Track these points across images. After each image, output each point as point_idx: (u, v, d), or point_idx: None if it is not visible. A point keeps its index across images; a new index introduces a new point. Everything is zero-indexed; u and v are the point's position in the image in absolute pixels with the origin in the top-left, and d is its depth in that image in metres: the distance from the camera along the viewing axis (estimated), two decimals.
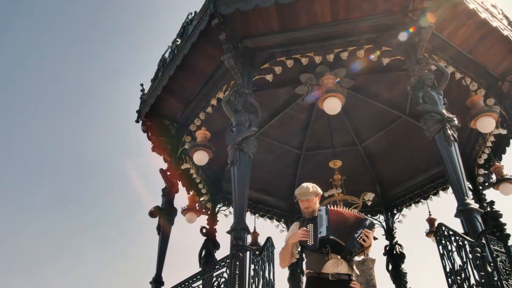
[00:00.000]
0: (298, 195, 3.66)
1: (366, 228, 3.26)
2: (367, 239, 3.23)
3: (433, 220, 7.54)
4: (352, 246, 3.21)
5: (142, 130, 6.26)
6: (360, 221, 3.33)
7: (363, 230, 3.24)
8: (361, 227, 3.27)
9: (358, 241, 3.22)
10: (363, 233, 3.22)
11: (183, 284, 4.48)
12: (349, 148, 7.93)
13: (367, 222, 3.34)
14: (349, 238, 3.23)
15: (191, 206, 6.92)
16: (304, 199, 3.60)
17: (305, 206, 3.58)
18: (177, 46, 5.57)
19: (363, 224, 3.30)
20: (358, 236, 3.22)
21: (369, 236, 3.24)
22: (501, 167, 6.28)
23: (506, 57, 5.38)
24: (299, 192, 3.67)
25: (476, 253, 3.24)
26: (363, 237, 3.21)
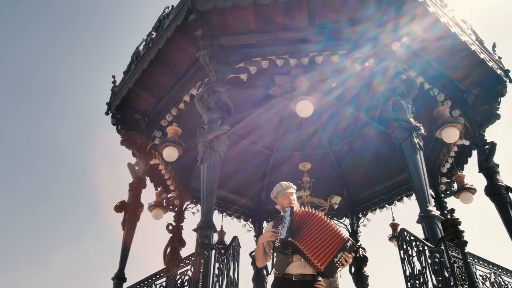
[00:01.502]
0: (281, 190, 3.68)
1: (346, 251, 3.07)
2: (346, 262, 3.09)
3: (396, 225, 7.72)
4: (330, 273, 3.02)
5: (112, 123, 6.13)
6: (340, 241, 3.12)
7: (343, 253, 3.06)
8: (342, 250, 3.06)
9: (337, 266, 3.03)
10: (343, 256, 3.06)
11: (146, 281, 4.42)
12: (319, 151, 8.03)
13: (349, 243, 3.11)
14: (328, 263, 3.01)
15: (158, 202, 6.83)
16: (289, 192, 3.65)
17: (289, 201, 3.60)
18: (152, 39, 5.49)
19: (344, 246, 3.08)
20: (338, 260, 3.03)
21: (349, 260, 3.11)
22: (462, 177, 6.50)
23: (472, 71, 5.58)
24: (282, 188, 3.69)
25: (435, 259, 3.35)
26: (342, 261, 3.06)
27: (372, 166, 7.92)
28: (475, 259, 3.83)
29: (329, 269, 3.06)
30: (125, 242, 5.46)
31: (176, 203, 7.23)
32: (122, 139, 6.13)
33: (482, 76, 5.60)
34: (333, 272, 3.08)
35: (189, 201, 7.44)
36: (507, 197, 5.09)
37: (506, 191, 5.13)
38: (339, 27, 5.04)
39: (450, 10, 5.19)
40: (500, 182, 5.17)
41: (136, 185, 5.84)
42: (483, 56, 5.32)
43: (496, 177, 5.22)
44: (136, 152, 6.14)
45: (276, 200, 3.75)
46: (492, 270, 3.99)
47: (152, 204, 6.77)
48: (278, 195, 3.69)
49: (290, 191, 3.65)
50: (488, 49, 5.59)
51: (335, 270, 3.08)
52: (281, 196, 3.66)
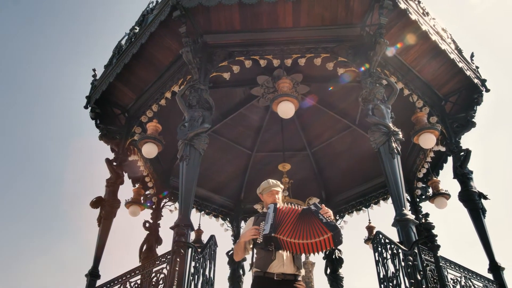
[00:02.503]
0: (268, 187, 3.68)
1: (320, 211, 3.18)
2: (330, 214, 3.19)
3: (372, 228, 7.83)
4: (335, 227, 3.03)
5: (91, 117, 6.02)
6: (309, 211, 3.23)
7: (321, 213, 3.15)
8: (317, 214, 3.16)
9: (330, 220, 3.11)
10: (324, 215, 3.14)
11: (121, 278, 4.36)
12: (299, 153, 8.09)
13: (313, 207, 3.26)
14: (327, 228, 3.04)
15: (135, 199, 6.75)
16: (274, 190, 3.66)
17: (273, 199, 3.60)
18: (134, 34, 5.42)
19: (314, 211, 3.20)
20: (325, 219, 3.11)
21: (329, 212, 3.21)
22: (437, 182, 6.65)
23: (450, 79, 5.71)
24: (269, 184, 3.70)
25: (408, 261, 3.41)
26: (327, 217, 3.13)
27: (350, 169, 8.02)
28: (447, 263, 3.91)
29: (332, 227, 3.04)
30: (100, 239, 5.37)
31: (154, 200, 7.17)
32: (101, 134, 6.03)
33: (459, 84, 5.75)
34: (337, 227, 3.05)
35: (167, 199, 7.38)
36: (479, 203, 5.23)
37: (478, 197, 5.27)
38: (323, 30, 5.08)
39: (431, 18, 5.30)
40: (473, 189, 5.31)
41: (113, 181, 5.75)
42: (461, 65, 5.45)
43: (469, 184, 5.36)
44: (114, 147, 6.05)
45: (261, 196, 3.76)
46: (463, 274, 4.09)
47: (130, 200, 6.69)
48: (264, 191, 3.70)
49: (276, 189, 3.67)
50: (466, 58, 5.73)
51: (335, 223, 3.09)
52: (266, 193, 3.67)
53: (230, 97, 6.91)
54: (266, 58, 5.09)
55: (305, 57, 5.09)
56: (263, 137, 7.87)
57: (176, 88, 5.30)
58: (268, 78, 6.09)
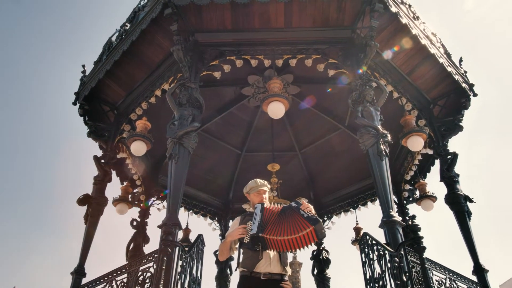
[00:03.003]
0: (255, 187, 3.69)
1: (300, 207, 3.21)
2: (310, 208, 3.22)
3: (359, 229, 7.88)
4: (316, 221, 3.06)
5: (79, 113, 5.97)
6: (290, 208, 3.27)
7: (301, 209, 3.18)
8: (298, 210, 3.20)
9: (311, 214, 3.14)
10: (304, 210, 3.17)
11: (107, 276, 4.33)
12: (288, 153, 8.12)
13: (294, 204, 3.29)
14: (308, 222, 3.08)
15: (123, 197, 6.71)
16: (262, 189, 3.66)
17: (260, 199, 3.61)
18: (125, 31, 5.38)
19: (294, 207, 3.24)
20: (306, 213, 3.14)
21: (309, 207, 3.23)
22: (424, 185, 6.71)
23: (439, 83, 5.77)
24: (256, 184, 3.70)
25: (394, 263, 3.44)
26: (308, 211, 3.16)
27: (339, 170, 8.07)
28: (432, 265, 3.96)
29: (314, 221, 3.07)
30: (87, 236, 5.31)
31: (142, 198, 7.13)
32: (89, 130, 5.98)
33: (448, 88, 5.81)
34: (317, 220, 3.07)
35: (155, 197, 7.34)
36: (465, 206, 5.29)
37: (464, 200, 5.33)
38: (314, 32, 5.10)
39: (422, 23, 5.35)
40: (459, 192, 5.37)
41: (101, 179, 5.69)
42: (450, 69, 5.51)
43: (456, 187, 5.42)
44: (103, 144, 5.99)
45: (248, 195, 3.76)
46: (447, 276, 4.15)
47: (117, 198, 6.64)
48: (251, 190, 3.70)
49: (263, 189, 3.67)
50: (455, 62, 5.79)
51: (315, 216, 3.12)
52: (253, 192, 3.67)
53: (220, 96, 6.89)
54: (257, 58, 5.09)
55: (296, 58, 5.10)
56: (252, 137, 7.87)
57: (166, 86, 5.27)
58: (259, 78, 6.09)
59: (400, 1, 4.94)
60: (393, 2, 4.73)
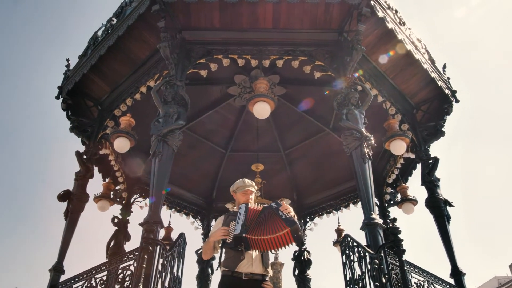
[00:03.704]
0: (242, 186, 3.68)
1: (280, 208, 3.24)
2: (289, 209, 3.25)
3: (341, 231, 7.94)
4: (293, 222, 3.10)
5: (62, 108, 5.88)
6: (270, 209, 3.29)
7: (280, 210, 3.21)
8: (277, 210, 3.23)
9: (289, 216, 3.16)
10: (283, 212, 3.20)
11: (86, 274, 4.27)
12: (273, 154, 8.12)
13: (274, 204, 3.31)
14: (285, 223, 3.11)
15: (105, 194, 6.62)
16: (249, 189, 3.66)
17: (246, 199, 3.61)
18: (112, 25, 5.32)
19: (274, 208, 3.27)
20: (284, 215, 3.17)
21: (288, 208, 3.26)
22: (406, 188, 6.80)
23: (423, 89, 5.87)
24: (244, 183, 3.70)
25: (374, 265, 3.48)
26: (286, 213, 3.19)
27: (322, 172, 8.12)
28: (411, 267, 4.02)
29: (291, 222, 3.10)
30: (66, 233, 5.23)
31: (124, 195, 7.06)
32: (72, 125, 5.89)
33: (431, 94, 5.91)
34: (295, 222, 3.11)
35: (137, 195, 7.28)
36: (444, 210, 5.39)
37: (444, 204, 5.43)
38: (302, 33, 5.12)
39: (407, 28, 5.43)
40: (439, 196, 5.46)
41: (82, 175, 5.62)
42: (433, 75, 5.60)
43: (436, 191, 5.51)
44: (85, 140, 5.91)
45: (234, 194, 3.75)
46: (426, 278, 4.21)
47: (99, 195, 6.55)
48: (238, 189, 3.70)
49: (250, 189, 3.68)
50: (439, 69, 5.89)
51: (292, 218, 3.16)
52: (240, 192, 3.67)
53: (206, 95, 6.87)
54: (244, 57, 5.09)
55: (283, 59, 5.12)
56: (237, 136, 7.86)
57: (152, 83, 5.24)
58: (245, 77, 6.09)
59: (387, 6, 5.00)
60: (380, 7, 4.78)
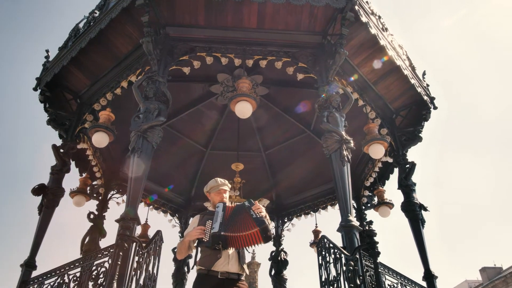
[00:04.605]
0: (215, 186, 3.67)
1: (252, 207, 3.28)
2: (261, 209, 3.28)
3: (318, 232, 8.02)
4: (263, 222, 3.16)
5: (40, 100, 5.75)
6: (243, 207, 3.35)
7: (252, 209, 3.25)
8: (249, 209, 3.27)
9: (259, 216, 3.21)
10: (255, 211, 3.24)
11: (59, 270, 4.20)
12: (253, 154, 8.14)
13: (247, 203, 3.36)
14: (255, 222, 3.17)
15: (81, 189, 6.51)
16: (222, 189, 3.65)
17: (221, 198, 3.60)
18: (94, 18, 5.23)
19: (246, 207, 3.31)
20: (255, 214, 3.22)
21: (260, 208, 3.29)
22: (383, 192, 6.92)
23: (402, 94, 5.97)
24: (217, 183, 3.69)
25: (349, 266, 3.52)
26: (257, 212, 3.23)
27: (302, 173, 8.17)
28: (386, 269, 4.09)
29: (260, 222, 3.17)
30: (40, 228, 5.12)
31: (101, 191, 6.95)
32: (49, 118, 5.77)
33: (410, 100, 6.02)
34: (264, 222, 3.17)
35: (115, 191, 7.18)
36: (419, 214, 5.50)
37: (419, 208, 5.54)
38: (286, 35, 5.14)
39: (390, 34, 5.51)
40: (415, 200, 5.57)
41: (58, 169, 5.50)
42: (413, 82, 5.70)
43: (412, 195, 5.62)
44: (63, 133, 5.80)
45: (209, 194, 3.74)
46: (399, 281, 4.29)
47: (75, 190, 6.44)
48: (211, 190, 3.69)
49: (223, 188, 3.67)
50: (418, 75, 6.00)
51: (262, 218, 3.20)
52: (214, 192, 3.66)
53: (188, 92, 6.82)
54: (228, 56, 5.08)
55: (267, 59, 5.13)
56: (218, 135, 7.84)
57: (134, 78, 5.18)
58: (228, 76, 6.08)
59: (371, 12, 5.07)
60: (364, 12, 4.84)
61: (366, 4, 4.96)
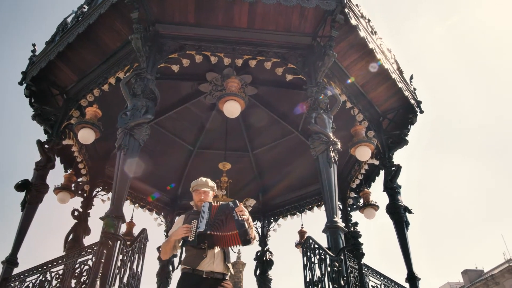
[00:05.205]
0: (196, 186, 3.67)
1: (235, 208, 3.28)
2: (243, 212, 3.27)
3: (304, 233, 8.04)
4: (243, 225, 3.16)
5: (25, 94, 5.67)
6: (227, 207, 3.35)
7: (235, 211, 3.26)
8: (232, 210, 3.28)
9: (241, 219, 3.20)
10: (237, 213, 3.24)
11: (41, 267, 4.14)
12: (241, 153, 8.13)
13: (231, 204, 3.37)
14: (235, 224, 3.18)
15: (66, 186, 6.43)
16: (201, 189, 3.63)
17: (200, 198, 3.59)
18: (83, 13, 5.18)
19: (230, 207, 3.32)
20: (237, 216, 3.22)
21: (243, 211, 3.29)
22: (368, 194, 6.97)
23: (390, 98, 6.03)
24: (197, 183, 3.68)
25: (334, 267, 3.55)
26: (240, 215, 3.23)
27: (289, 174, 8.18)
28: (370, 271, 4.12)
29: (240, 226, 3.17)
30: (22, 224, 5.04)
31: (86, 188, 6.88)
32: (35, 113, 5.70)
33: (397, 103, 6.08)
34: (244, 226, 3.16)
35: (100, 188, 7.11)
36: (404, 217, 5.55)
37: (404, 211, 5.59)
38: (276, 35, 5.15)
39: (378, 38, 5.56)
40: (400, 202, 5.63)
41: (43, 165, 5.43)
42: (400, 85, 5.76)
43: (397, 197, 5.67)
44: (48, 129, 5.72)
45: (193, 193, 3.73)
46: (383, 282, 4.33)
47: (59, 186, 6.35)
48: (193, 188, 3.69)
49: (203, 189, 3.65)
50: (406, 79, 6.07)
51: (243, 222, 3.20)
52: (195, 191, 3.65)
53: (177, 90, 6.79)
54: (217, 55, 5.07)
55: (256, 59, 5.14)
56: (206, 134, 7.82)
57: (122, 74, 5.13)
58: (217, 75, 6.07)
59: (360, 15, 5.11)
60: (354, 15, 4.88)
61: (356, 7, 5.00)
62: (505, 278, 27.05)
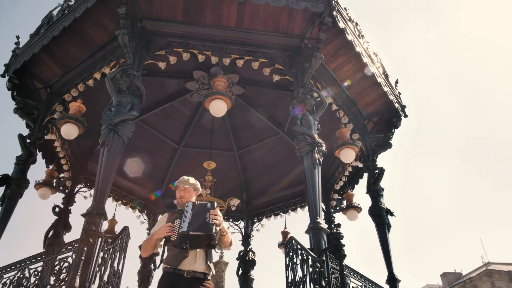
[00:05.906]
0: (177, 183, 3.66)
1: (210, 211, 3.29)
2: (217, 217, 3.28)
3: (287, 233, 8.07)
4: (209, 230, 3.20)
5: (7, 87, 5.56)
6: (205, 207, 3.36)
7: (209, 213, 3.27)
8: (207, 212, 3.29)
9: (212, 223, 3.23)
10: (211, 215, 3.25)
11: (19, 264, 4.07)
12: (226, 153, 8.12)
13: (209, 204, 3.38)
14: (205, 226, 3.21)
15: (47, 181, 6.32)
16: (181, 186, 3.61)
17: (180, 195, 3.58)
18: (69, 6, 5.10)
19: (206, 208, 3.33)
20: (209, 219, 3.23)
21: (216, 215, 3.30)
22: (352, 195, 7.03)
23: (375, 101, 6.09)
24: (178, 180, 3.67)
25: (316, 268, 3.57)
26: (212, 218, 3.24)
27: (273, 175, 8.20)
28: (351, 272, 4.15)
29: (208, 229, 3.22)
30: (1, 220, 4.94)
31: (68, 184, 6.77)
32: (17, 106, 5.59)
33: (382, 107, 6.14)
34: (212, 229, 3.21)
35: (82, 184, 7.01)
36: (386, 219, 5.61)
37: (386, 213, 5.65)
38: (264, 36, 5.16)
39: (365, 42, 5.61)
40: (382, 205, 5.69)
41: (24, 159, 5.33)
42: (386, 89, 5.83)
43: (380, 200, 5.73)
44: (30, 123, 5.62)
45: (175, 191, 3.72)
46: (363, 283, 4.37)
47: (40, 182, 6.24)
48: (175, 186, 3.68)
49: (183, 186, 3.63)
50: (391, 83, 6.13)
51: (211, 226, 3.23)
52: (176, 188, 3.64)
53: (163, 87, 6.75)
54: (205, 53, 5.06)
55: (244, 59, 5.14)
56: (192, 132, 7.78)
57: (107, 70, 5.08)
58: (204, 74, 6.04)
59: (348, 18, 5.15)
60: (342, 18, 4.92)
61: (344, 11, 5.05)
62: (482, 281, 27.65)
